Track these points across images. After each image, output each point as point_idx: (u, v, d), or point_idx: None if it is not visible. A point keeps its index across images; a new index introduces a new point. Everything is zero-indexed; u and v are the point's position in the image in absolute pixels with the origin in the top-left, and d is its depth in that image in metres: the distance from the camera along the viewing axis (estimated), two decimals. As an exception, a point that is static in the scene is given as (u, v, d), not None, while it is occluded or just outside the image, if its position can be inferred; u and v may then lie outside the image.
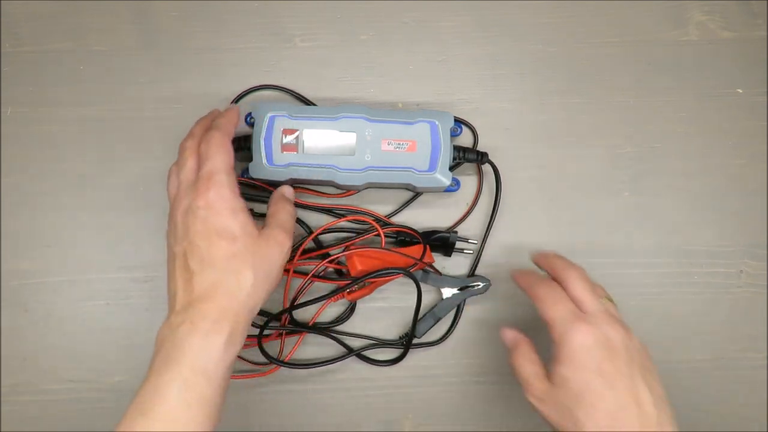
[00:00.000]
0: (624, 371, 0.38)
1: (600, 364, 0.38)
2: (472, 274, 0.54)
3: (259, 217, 0.53)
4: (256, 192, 0.52)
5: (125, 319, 0.53)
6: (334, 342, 0.53)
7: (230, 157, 0.42)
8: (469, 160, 0.52)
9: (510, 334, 0.45)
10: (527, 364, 0.42)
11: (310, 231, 0.53)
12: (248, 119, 0.52)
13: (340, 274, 0.53)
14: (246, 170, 0.51)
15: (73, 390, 0.52)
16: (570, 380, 0.39)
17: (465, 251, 0.54)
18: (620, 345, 0.39)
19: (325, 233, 0.53)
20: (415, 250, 0.52)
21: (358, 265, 0.50)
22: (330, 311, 0.54)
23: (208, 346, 0.37)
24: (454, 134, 0.53)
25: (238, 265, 0.40)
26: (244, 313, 0.40)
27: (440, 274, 0.53)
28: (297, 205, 0.53)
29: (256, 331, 0.50)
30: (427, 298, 0.54)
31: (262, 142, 0.50)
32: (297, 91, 0.55)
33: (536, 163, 0.55)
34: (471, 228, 0.55)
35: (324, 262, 0.52)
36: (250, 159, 0.50)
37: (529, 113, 0.56)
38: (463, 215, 0.54)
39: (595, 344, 0.39)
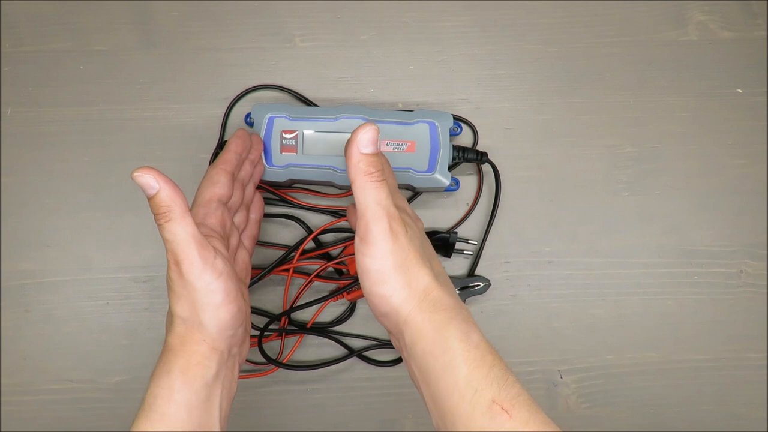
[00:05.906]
0: None
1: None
2: (471, 274, 0.54)
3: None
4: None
5: (125, 319, 0.53)
6: (335, 342, 0.53)
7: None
8: (468, 160, 0.52)
9: None
10: None
11: (310, 231, 0.53)
12: (248, 119, 0.52)
13: (340, 273, 0.53)
14: (246, 170, 0.51)
15: (73, 390, 0.52)
16: None
17: (465, 252, 0.54)
18: None
19: (324, 233, 0.53)
20: (415, 250, 0.52)
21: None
22: (330, 311, 0.54)
23: None
24: (453, 133, 0.53)
25: None
26: None
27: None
28: (297, 205, 0.53)
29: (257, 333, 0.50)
30: (427, 298, 0.54)
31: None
32: (297, 91, 0.55)
33: (536, 163, 0.55)
34: (471, 228, 0.55)
35: (329, 264, 0.52)
36: (250, 159, 0.50)
37: (529, 113, 0.56)
38: (464, 215, 0.54)
39: None
